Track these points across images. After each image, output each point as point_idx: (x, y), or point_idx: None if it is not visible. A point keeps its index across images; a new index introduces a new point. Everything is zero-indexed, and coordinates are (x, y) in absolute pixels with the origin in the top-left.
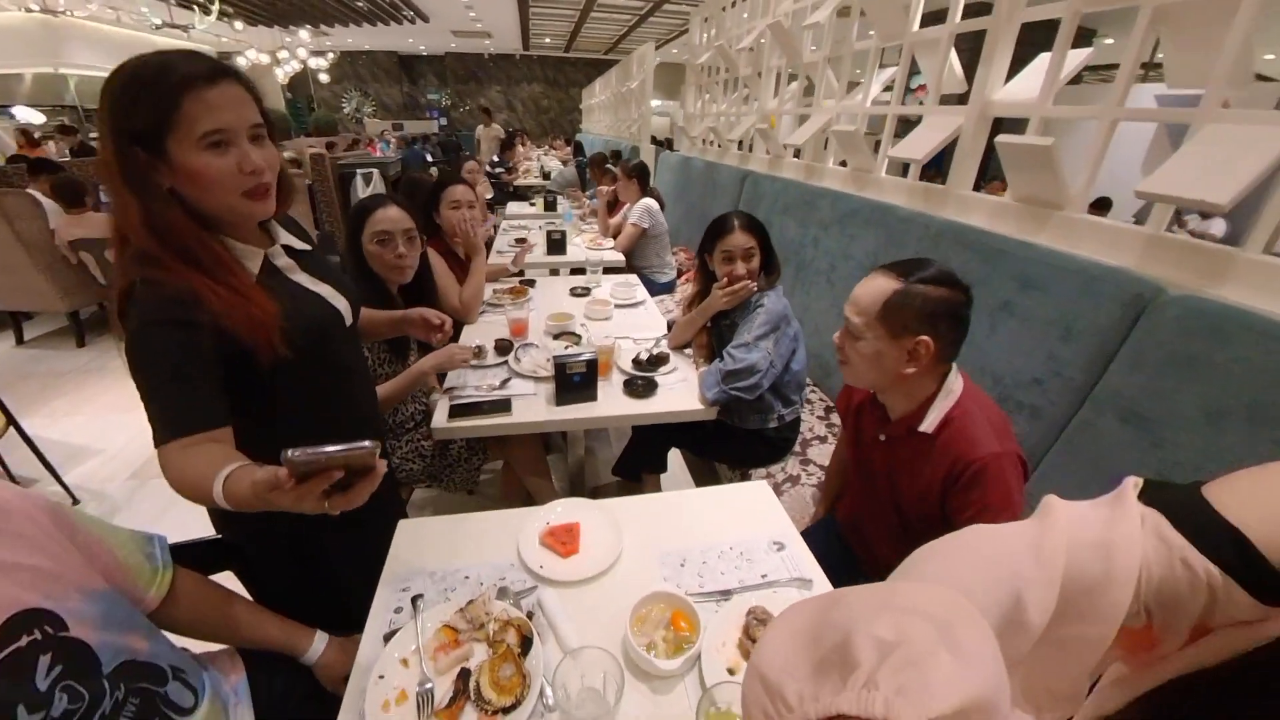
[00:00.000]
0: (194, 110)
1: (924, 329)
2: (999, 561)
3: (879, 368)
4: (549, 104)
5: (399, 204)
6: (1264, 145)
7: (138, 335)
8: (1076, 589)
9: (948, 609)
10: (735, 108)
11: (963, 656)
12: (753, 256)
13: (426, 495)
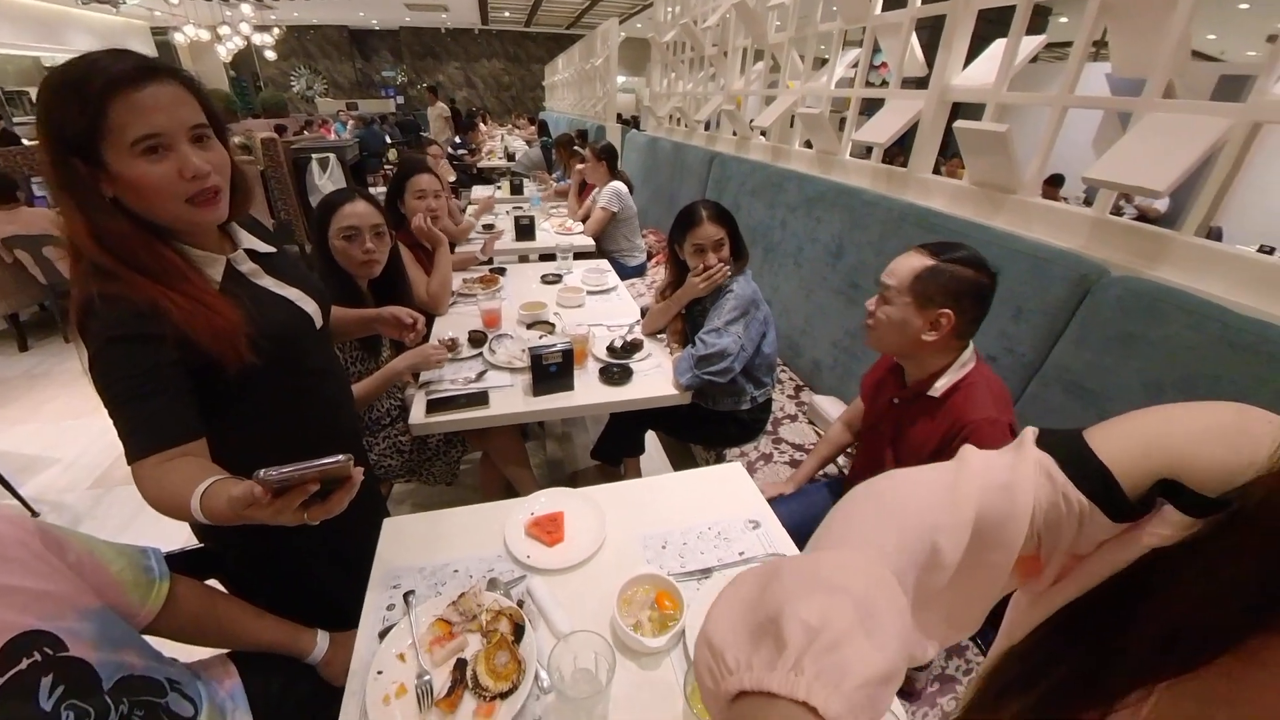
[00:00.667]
0: (122, 116)
1: (949, 303)
2: (919, 515)
3: (902, 333)
4: (510, 81)
5: (367, 198)
6: (1199, 134)
7: (102, 353)
8: (986, 526)
9: (869, 584)
10: (702, 87)
11: (877, 638)
12: (722, 245)
13: (406, 489)
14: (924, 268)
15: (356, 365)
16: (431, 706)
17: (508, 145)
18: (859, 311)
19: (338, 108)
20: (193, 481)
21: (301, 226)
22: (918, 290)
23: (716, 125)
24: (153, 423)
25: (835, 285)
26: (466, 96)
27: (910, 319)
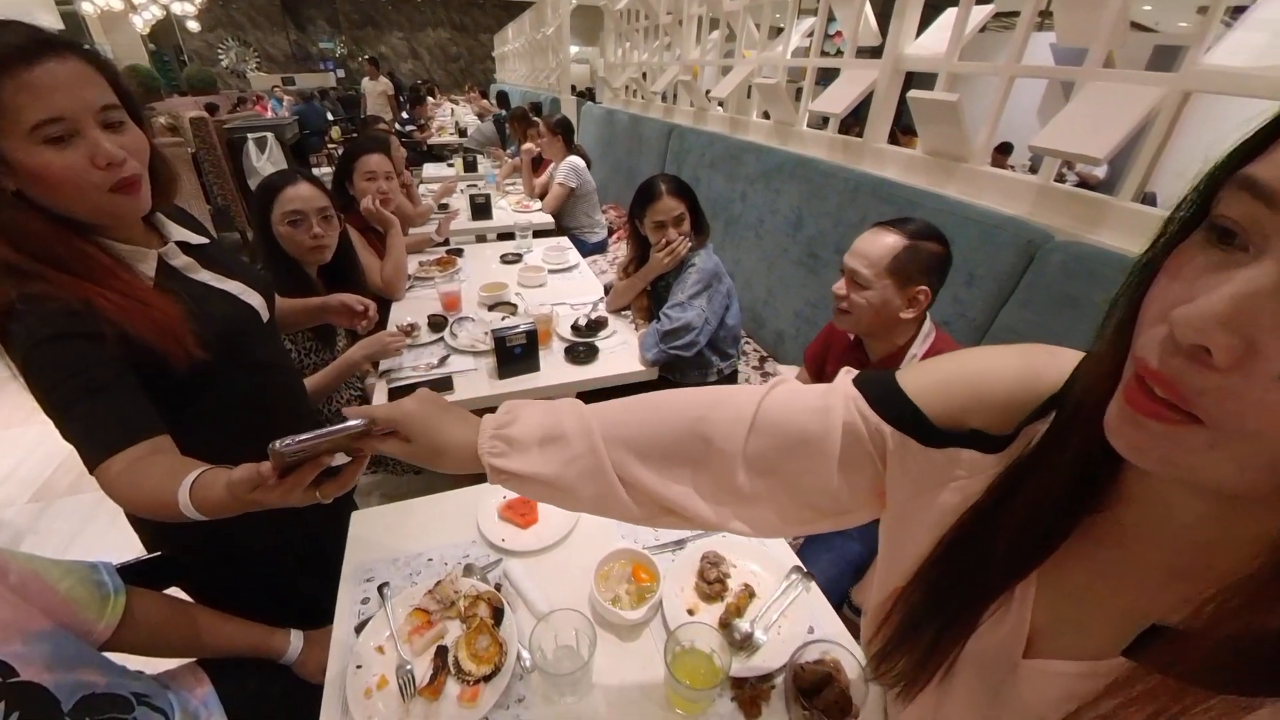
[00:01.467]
0: (16, 98)
1: (925, 280)
2: (685, 409)
3: (882, 315)
4: (458, 51)
5: (310, 180)
6: (1135, 102)
7: (34, 356)
8: (805, 438)
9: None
10: (657, 57)
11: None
12: (683, 220)
13: (373, 480)
14: (901, 247)
15: (310, 356)
16: (415, 695)
17: (459, 120)
18: (820, 282)
19: (273, 83)
20: (175, 475)
21: (241, 212)
22: (896, 270)
23: (674, 97)
24: (112, 419)
25: (796, 256)
26: (412, 69)
27: (891, 299)
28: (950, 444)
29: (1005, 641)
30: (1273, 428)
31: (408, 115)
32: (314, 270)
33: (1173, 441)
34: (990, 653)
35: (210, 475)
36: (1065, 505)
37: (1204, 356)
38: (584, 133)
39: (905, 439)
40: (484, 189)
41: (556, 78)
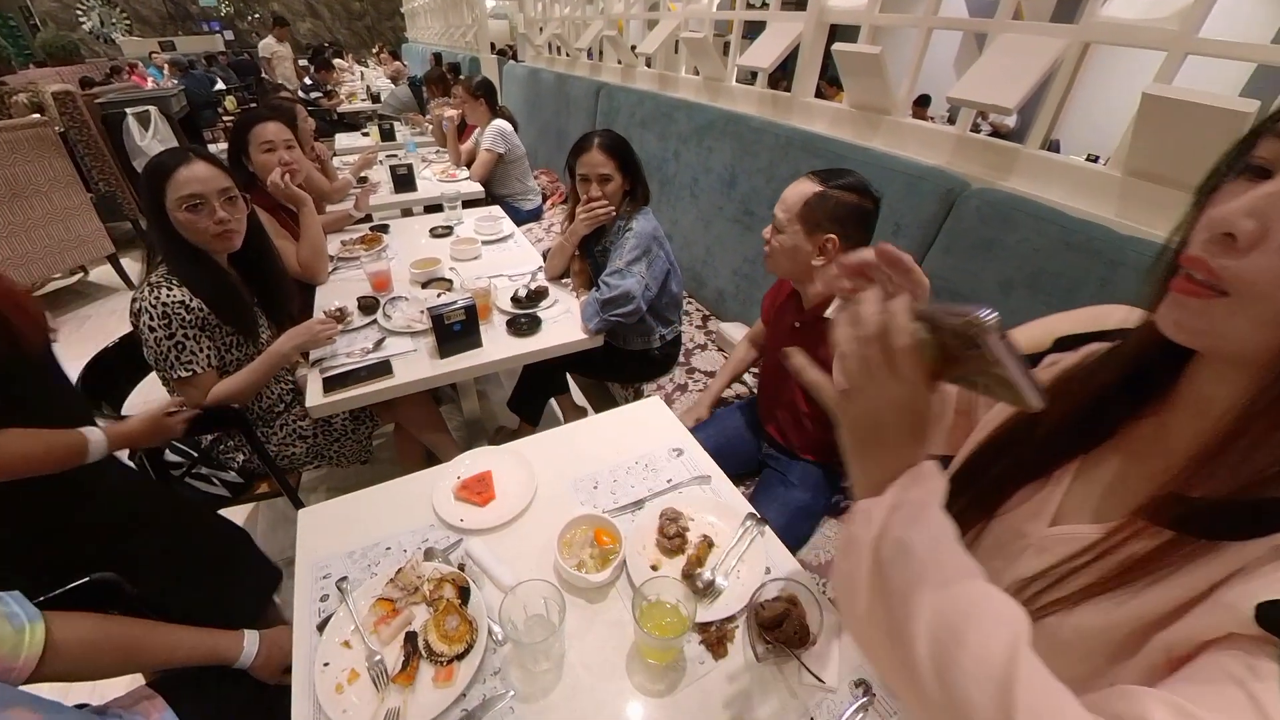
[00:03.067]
0: None
1: (834, 228)
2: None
3: (794, 259)
4: (362, 7)
5: (206, 158)
6: (1041, 53)
7: None
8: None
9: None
10: (580, 11)
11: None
12: (609, 180)
13: (317, 475)
14: (811, 194)
15: (233, 352)
16: (389, 684)
17: (370, 84)
18: (757, 239)
19: (149, 48)
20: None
21: (130, 198)
22: (805, 216)
23: (600, 54)
24: None
25: (731, 214)
26: (312, 28)
27: (800, 245)
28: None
29: (1033, 513)
30: (1277, 288)
31: (311, 81)
32: (224, 259)
33: (1205, 313)
34: (1015, 523)
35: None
36: (1112, 406)
37: (1230, 241)
38: (507, 94)
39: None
40: (405, 159)
41: (474, 35)
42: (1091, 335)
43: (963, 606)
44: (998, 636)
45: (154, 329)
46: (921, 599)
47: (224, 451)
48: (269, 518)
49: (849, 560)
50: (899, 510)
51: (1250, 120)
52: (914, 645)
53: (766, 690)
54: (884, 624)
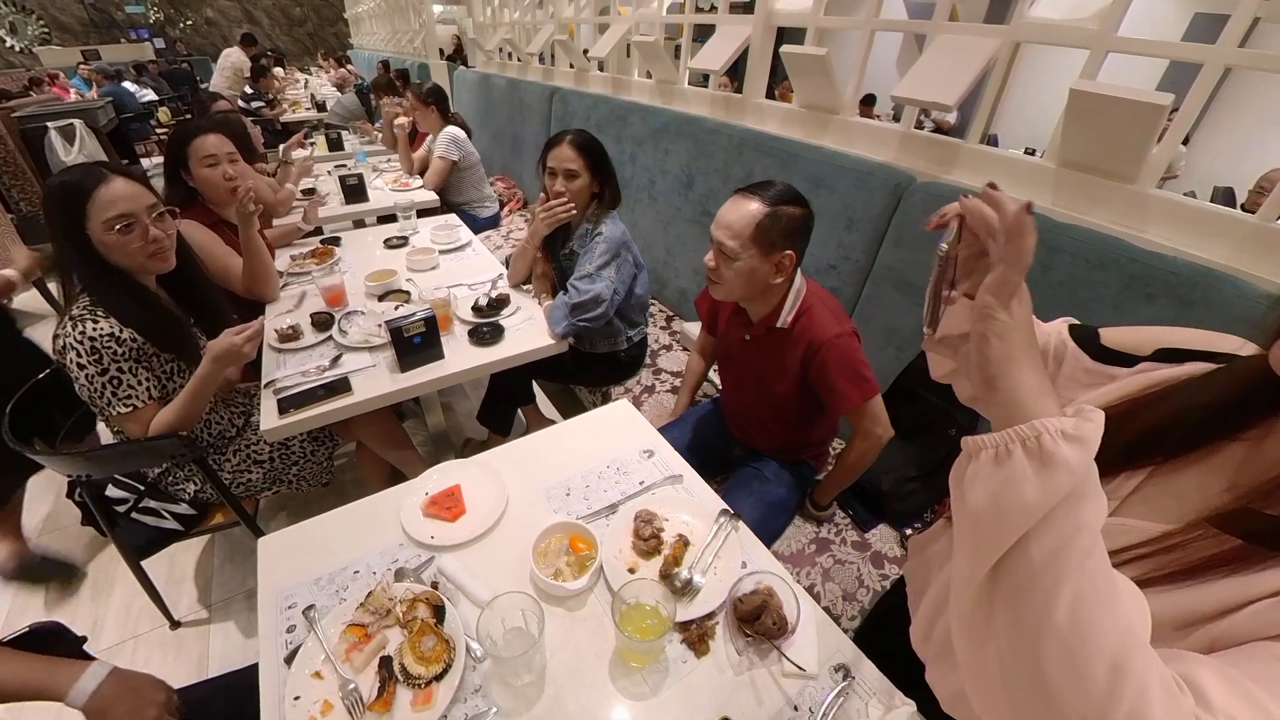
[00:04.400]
0: None
1: (789, 245)
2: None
3: (751, 283)
4: (303, 13)
5: (124, 173)
6: (977, 52)
7: None
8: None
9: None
10: (530, 15)
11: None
12: (575, 176)
13: (277, 500)
14: (762, 215)
15: (175, 380)
16: (365, 712)
17: (315, 93)
18: None
19: (73, 59)
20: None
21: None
22: (759, 239)
23: (552, 58)
24: None
25: (690, 215)
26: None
27: (758, 267)
28: (1114, 362)
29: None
30: None
31: (251, 90)
32: (152, 281)
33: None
34: None
35: None
36: (1212, 423)
37: None
38: (459, 100)
39: (1080, 352)
40: (355, 169)
41: (421, 40)
42: (1197, 354)
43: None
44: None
45: (84, 366)
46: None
47: (173, 482)
48: (226, 549)
49: (1003, 501)
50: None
51: (1164, 113)
52: (1054, 604)
53: (750, 683)
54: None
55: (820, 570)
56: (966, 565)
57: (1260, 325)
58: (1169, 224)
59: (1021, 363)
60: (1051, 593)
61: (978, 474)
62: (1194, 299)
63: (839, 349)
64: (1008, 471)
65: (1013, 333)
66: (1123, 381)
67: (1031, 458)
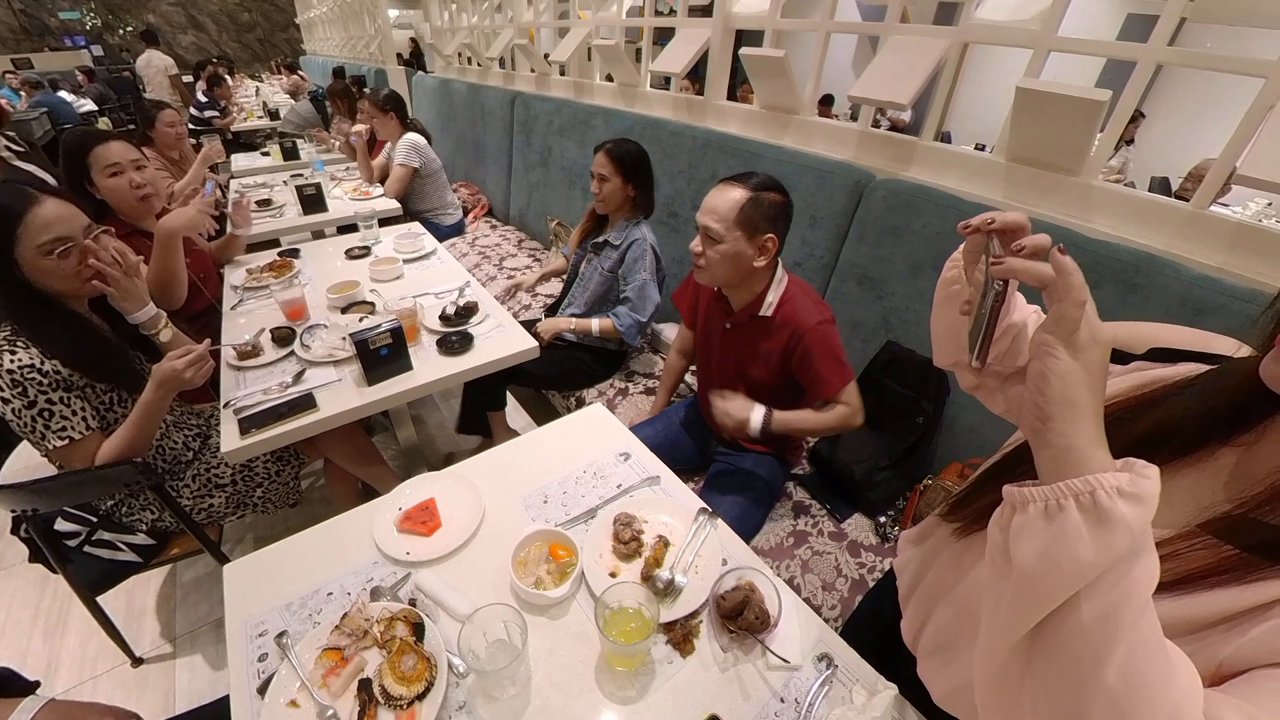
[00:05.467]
0: None
1: (769, 228)
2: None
3: (736, 265)
4: (252, 19)
5: (53, 192)
6: (927, 53)
7: None
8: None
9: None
10: (489, 20)
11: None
12: (606, 180)
13: (241, 524)
14: (745, 199)
15: (115, 409)
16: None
17: (266, 100)
18: (682, 239)
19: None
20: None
21: None
22: (743, 222)
23: (512, 63)
24: None
25: (656, 217)
26: (196, 41)
27: (742, 250)
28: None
29: None
30: None
31: (205, 98)
32: (84, 304)
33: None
34: None
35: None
36: (1206, 430)
37: None
38: (418, 107)
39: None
40: (312, 178)
41: (378, 46)
42: (1190, 354)
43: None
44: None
45: (8, 400)
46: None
47: (128, 512)
48: (189, 579)
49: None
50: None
51: (1103, 109)
52: (1104, 669)
53: (736, 678)
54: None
55: (799, 562)
56: (1006, 619)
57: (1256, 326)
58: (1112, 213)
59: (1080, 408)
60: (1103, 653)
61: (1025, 527)
62: (1137, 283)
63: (821, 335)
64: (1059, 528)
65: (1074, 373)
66: (1115, 380)
67: (1086, 515)
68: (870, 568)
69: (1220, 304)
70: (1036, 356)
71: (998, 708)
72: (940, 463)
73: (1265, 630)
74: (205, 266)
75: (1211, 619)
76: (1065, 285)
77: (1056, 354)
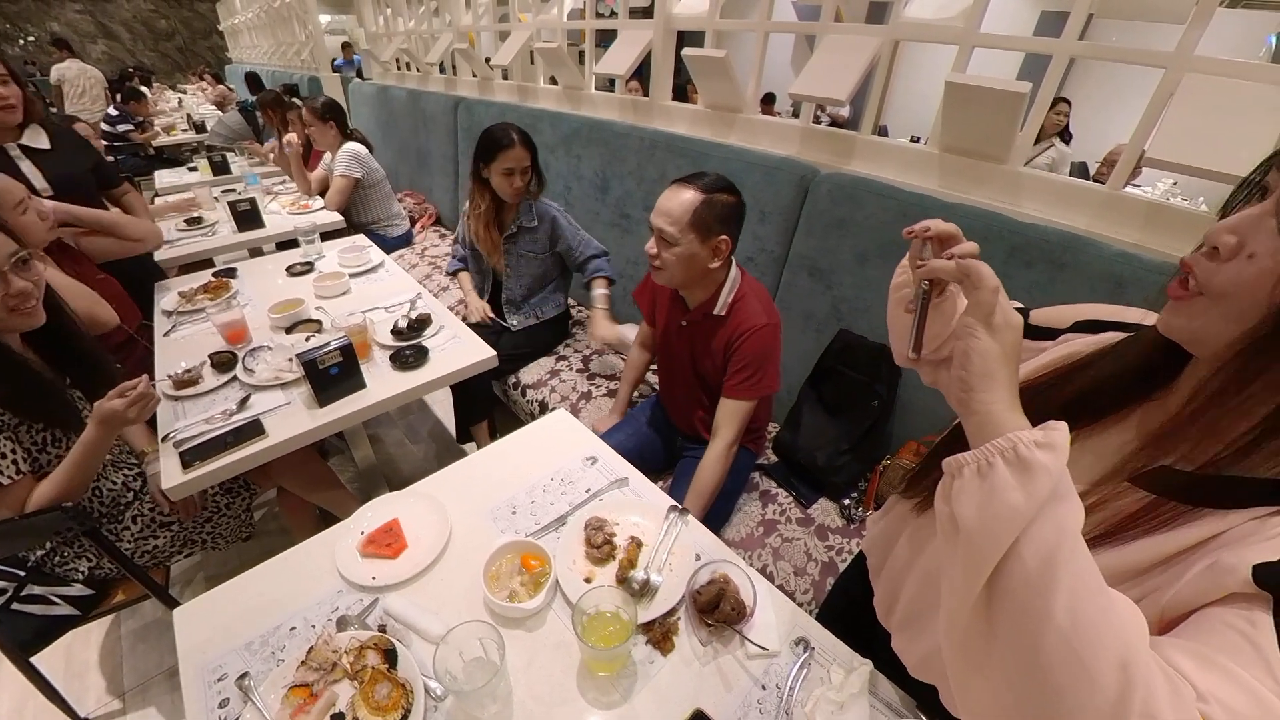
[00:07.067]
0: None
1: (722, 229)
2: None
3: (691, 267)
4: (169, 26)
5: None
6: (861, 50)
7: None
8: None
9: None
10: (426, 24)
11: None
12: (527, 172)
13: (191, 564)
14: (698, 201)
15: (49, 450)
16: None
17: (191, 113)
18: (635, 240)
19: None
20: None
21: None
22: (696, 224)
23: (453, 68)
24: None
25: (608, 219)
26: (107, 50)
27: (696, 252)
28: (1040, 337)
29: None
30: (1239, 288)
31: (117, 112)
32: (16, 339)
33: (1187, 312)
34: None
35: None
36: (1124, 389)
37: (1214, 253)
38: (356, 115)
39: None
40: (246, 193)
41: (310, 52)
42: (1110, 324)
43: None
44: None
45: None
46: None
47: (61, 562)
48: (136, 627)
49: (992, 511)
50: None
51: (1025, 99)
52: (1051, 608)
53: (717, 671)
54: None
55: (770, 550)
56: (961, 582)
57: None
58: (1039, 198)
59: (998, 380)
60: (1049, 593)
61: (963, 489)
62: (1065, 262)
63: (759, 339)
64: (991, 483)
65: (992, 351)
66: (1048, 353)
67: (1012, 466)
68: (838, 550)
69: (1138, 277)
70: (960, 337)
71: (967, 670)
72: (897, 442)
73: (1198, 571)
74: (113, 290)
75: (1147, 564)
76: (978, 276)
77: (977, 334)
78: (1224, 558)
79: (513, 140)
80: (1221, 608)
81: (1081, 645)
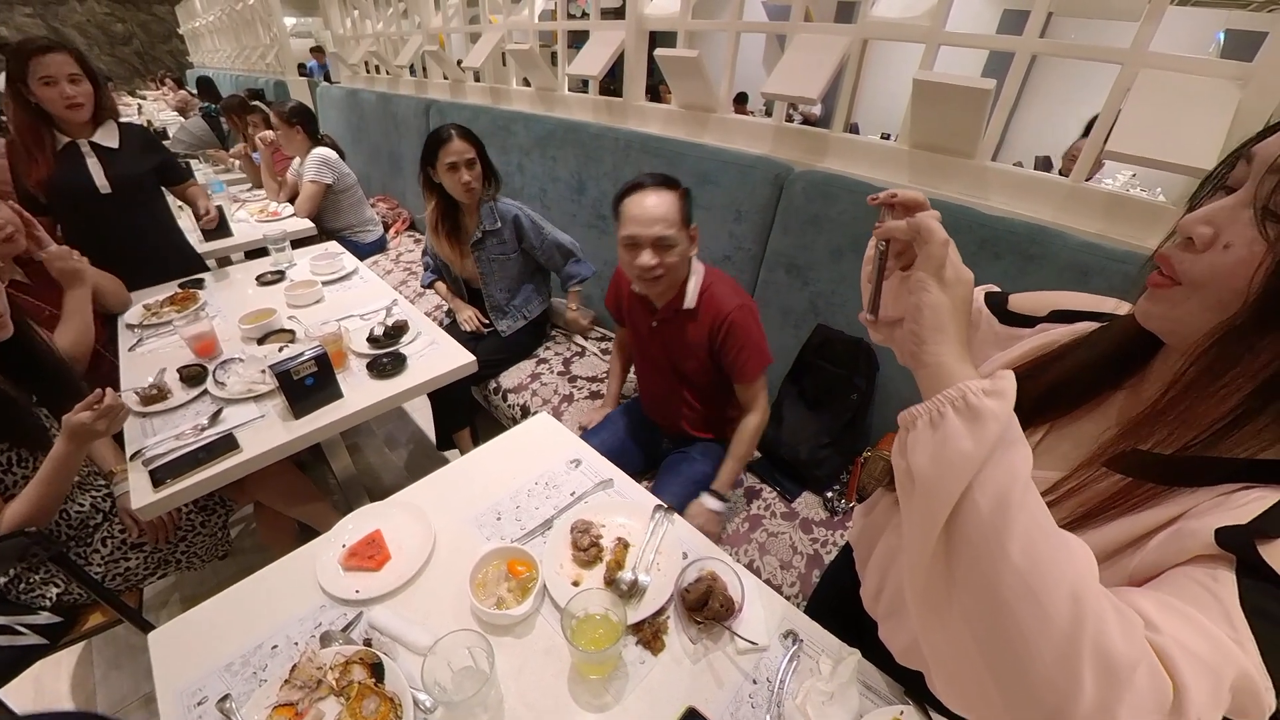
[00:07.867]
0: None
1: (691, 216)
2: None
3: (684, 263)
4: (127, 29)
5: None
6: (831, 49)
7: None
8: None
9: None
10: (395, 26)
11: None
12: (474, 164)
13: (166, 585)
14: (679, 197)
15: (14, 471)
16: None
17: (151, 119)
18: (612, 240)
19: None
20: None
21: None
22: (683, 219)
23: (424, 70)
24: None
25: (585, 220)
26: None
27: (686, 246)
28: (1018, 324)
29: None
30: (1216, 277)
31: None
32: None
33: (1166, 301)
34: None
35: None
36: (1099, 377)
37: (1190, 244)
38: (325, 119)
39: (991, 317)
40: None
41: (275, 56)
42: (1085, 314)
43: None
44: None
45: None
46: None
47: (27, 589)
48: (109, 654)
49: (945, 460)
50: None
51: (990, 96)
52: (1007, 550)
53: (708, 668)
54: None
55: (756, 545)
56: (919, 531)
57: (1137, 285)
58: (1006, 191)
59: (949, 333)
60: (1003, 534)
61: (917, 441)
62: (1032, 253)
63: (741, 317)
64: (943, 432)
65: (943, 304)
66: (1025, 342)
67: (961, 414)
68: (823, 542)
69: (1101, 266)
70: (913, 292)
71: (930, 620)
72: (877, 434)
73: (1163, 537)
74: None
75: (1120, 544)
76: (928, 231)
77: (929, 288)
78: (1187, 524)
79: (450, 134)
80: (1187, 566)
81: (1037, 582)
